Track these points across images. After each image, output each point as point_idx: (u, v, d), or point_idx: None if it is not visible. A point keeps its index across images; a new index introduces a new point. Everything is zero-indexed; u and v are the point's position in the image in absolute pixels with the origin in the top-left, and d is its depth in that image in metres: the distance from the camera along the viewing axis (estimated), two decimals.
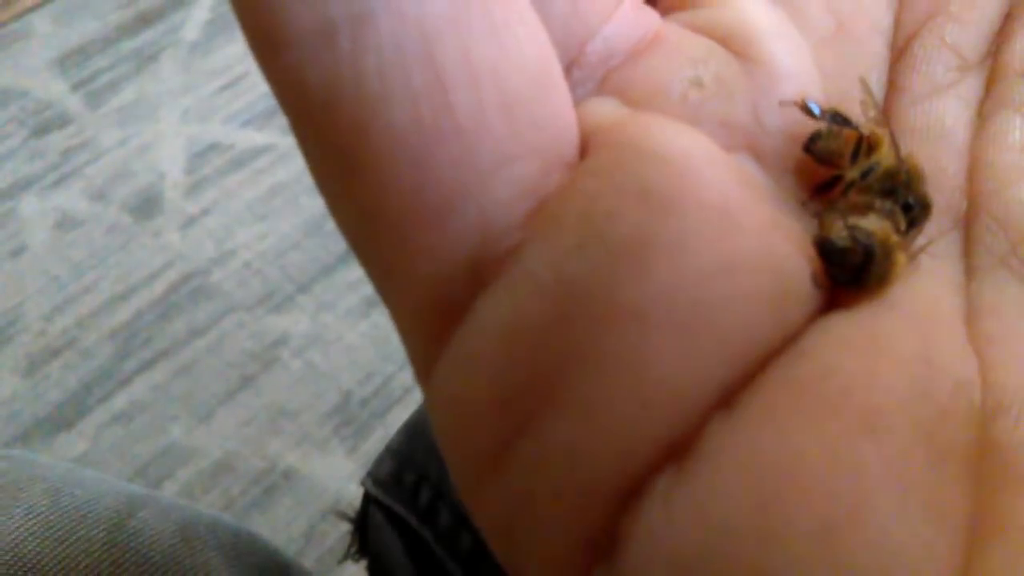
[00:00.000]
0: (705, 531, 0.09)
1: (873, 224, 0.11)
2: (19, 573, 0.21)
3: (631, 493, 0.09)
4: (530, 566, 0.10)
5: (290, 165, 0.89)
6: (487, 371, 0.10)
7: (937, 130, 0.12)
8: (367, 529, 0.29)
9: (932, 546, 0.09)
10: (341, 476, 0.74)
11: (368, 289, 0.77)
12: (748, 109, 0.12)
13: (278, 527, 0.71)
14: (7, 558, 0.21)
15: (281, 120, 0.87)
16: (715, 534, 0.09)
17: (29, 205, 0.86)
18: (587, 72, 0.12)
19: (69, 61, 0.95)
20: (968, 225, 0.12)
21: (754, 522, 0.09)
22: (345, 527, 0.71)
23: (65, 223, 0.85)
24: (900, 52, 0.13)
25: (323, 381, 0.77)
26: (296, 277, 0.82)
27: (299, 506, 0.73)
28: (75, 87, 0.94)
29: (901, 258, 0.11)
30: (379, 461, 0.28)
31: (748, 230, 0.10)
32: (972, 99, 0.12)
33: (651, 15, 0.12)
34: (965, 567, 0.08)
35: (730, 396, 0.10)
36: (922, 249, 0.11)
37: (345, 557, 0.29)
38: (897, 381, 0.09)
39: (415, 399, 0.74)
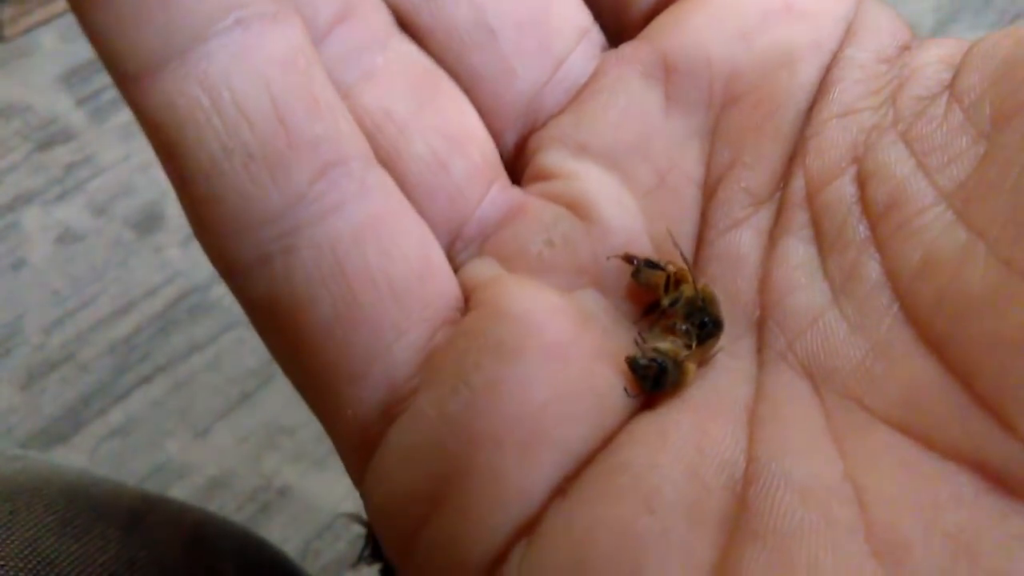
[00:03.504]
0: None
1: (666, 344, 0.14)
2: (36, 569, 0.22)
3: (498, 561, 0.13)
4: None
5: None
6: (396, 483, 0.14)
7: (735, 255, 0.15)
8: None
9: None
10: (337, 494, 0.73)
11: None
12: (590, 257, 0.15)
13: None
14: (24, 553, 0.22)
15: None
16: None
17: (31, 219, 0.86)
18: (468, 242, 0.16)
19: (74, 77, 0.96)
20: (759, 329, 0.15)
21: None
22: (340, 546, 0.71)
23: (66, 237, 0.85)
24: (709, 195, 0.16)
25: None
26: None
27: (294, 524, 0.72)
28: (80, 103, 0.94)
29: (691, 367, 0.14)
30: None
31: (576, 363, 0.14)
32: (764, 228, 0.15)
33: (515, 192, 0.16)
34: None
35: (565, 486, 0.13)
36: (713, 355, 0.15)
37: (358, 561, 0.29)
38: (672, 467, 0.13)
39: None
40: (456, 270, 0.16)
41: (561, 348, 0.14)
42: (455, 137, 0.16)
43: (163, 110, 0.13)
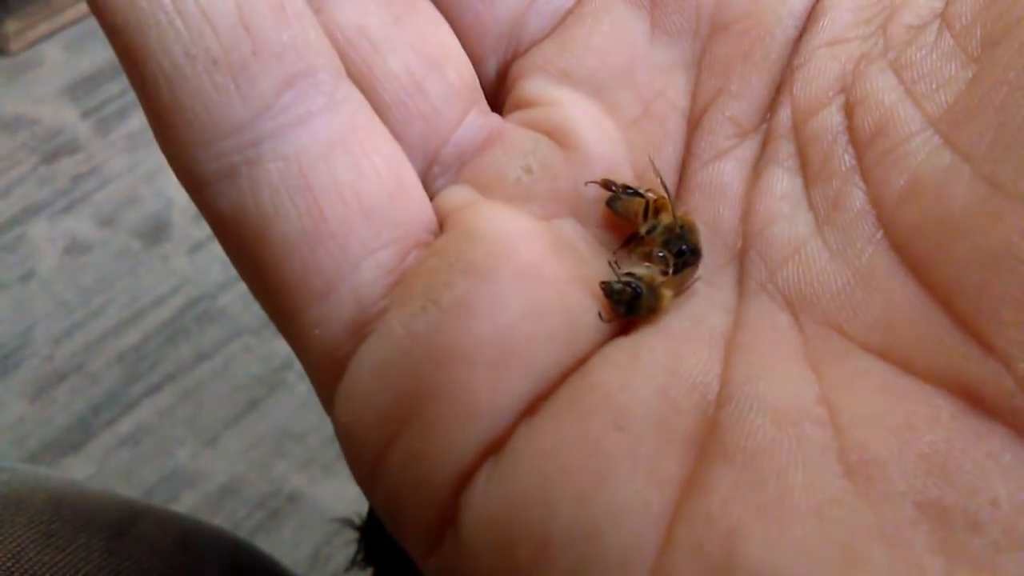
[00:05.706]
0: (509, 502, 0.12)
1: (642, 270, 0.14)
2: None
3: (465, 479, 0.13)
4: (406, 534, 0.14)
5: None
6: (364, 403, 0.13)
7: (718, 186, 0.15)
8: (374, 538, 0.29)
9: (647, 501, 0.12)
10: (346, 499, 0.73)
11: None
12: (570, 185, 0.15)
13: (283, 550, 0.71)
14: (8, 565, 0.22)
15: None
16: (515, 503, 0.12)
17: (39, 230, 0.87)
18: (445, 167, 0.15)
19: (79, 89, 0.96)
20: (741, 259, 0.14)
21: (538, 494, 0.12)
22: (350, 551, 0.71)
23: (74, 248, 0.86)
24: (694, 125, 0.16)
25: None
26: None
27: (304, 529, 0.72)
28: (85, 114, 0.95)
29: (667, 293, 0.14)
30: None
31: (549, 285, 0.13)
32: (748, 159, 0.15)
33: (493, 118, 0.16)
34: (674, 513, 0.11)
35: (535, 406, 0.13)
36: (691, 283, 0.14)
37: (351, 565, 0.29)
38: (643, 388, 0.12)
39: None
40: (432, 197, 0.15)
41: (534, 269, 0.13)
42: (432, 57, 0.15)
43: (124, 11, 0.12)
